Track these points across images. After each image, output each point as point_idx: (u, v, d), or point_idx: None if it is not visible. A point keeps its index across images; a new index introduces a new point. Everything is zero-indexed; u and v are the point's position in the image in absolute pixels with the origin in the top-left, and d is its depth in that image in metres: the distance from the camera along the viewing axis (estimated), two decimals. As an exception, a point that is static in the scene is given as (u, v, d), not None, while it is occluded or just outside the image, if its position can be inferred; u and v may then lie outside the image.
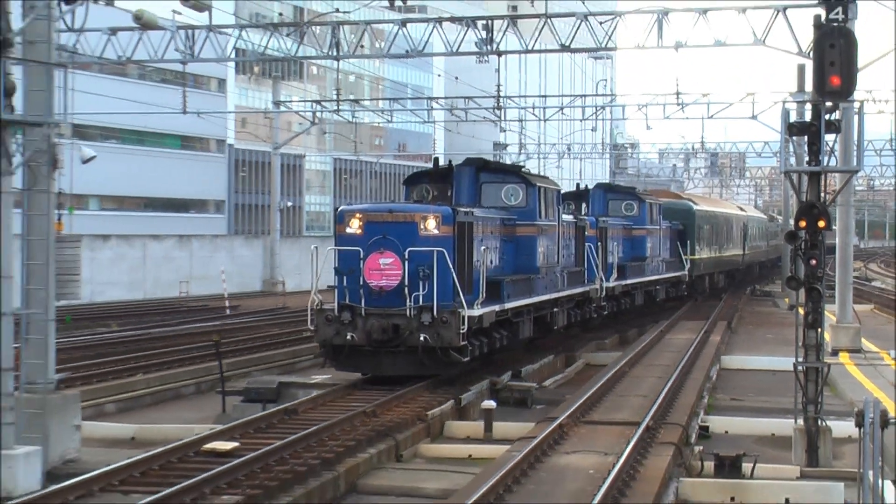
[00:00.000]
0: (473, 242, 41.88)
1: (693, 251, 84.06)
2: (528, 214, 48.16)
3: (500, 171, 50.43)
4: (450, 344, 38.46)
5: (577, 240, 57.08)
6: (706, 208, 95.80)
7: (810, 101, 30.93)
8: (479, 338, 41.85)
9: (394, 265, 39.00)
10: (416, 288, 38.78)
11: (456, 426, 37.20)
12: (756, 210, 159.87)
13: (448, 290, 38.99)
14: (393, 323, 38.67)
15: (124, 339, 58.73)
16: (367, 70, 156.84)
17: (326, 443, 30.60)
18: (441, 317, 38.24)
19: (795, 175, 30.91)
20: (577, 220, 57.35)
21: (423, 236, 39.46)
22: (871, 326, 64.65)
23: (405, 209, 41.29)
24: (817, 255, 30.65)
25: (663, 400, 37.54)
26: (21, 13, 31.47)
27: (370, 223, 40.08)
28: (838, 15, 29.89)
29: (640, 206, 71.30)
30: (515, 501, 25.39)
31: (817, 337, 31.03)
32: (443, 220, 39.95)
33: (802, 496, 27.25)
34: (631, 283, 66.90)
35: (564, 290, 53.41)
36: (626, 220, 69.91)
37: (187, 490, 24.77)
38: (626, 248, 68.53)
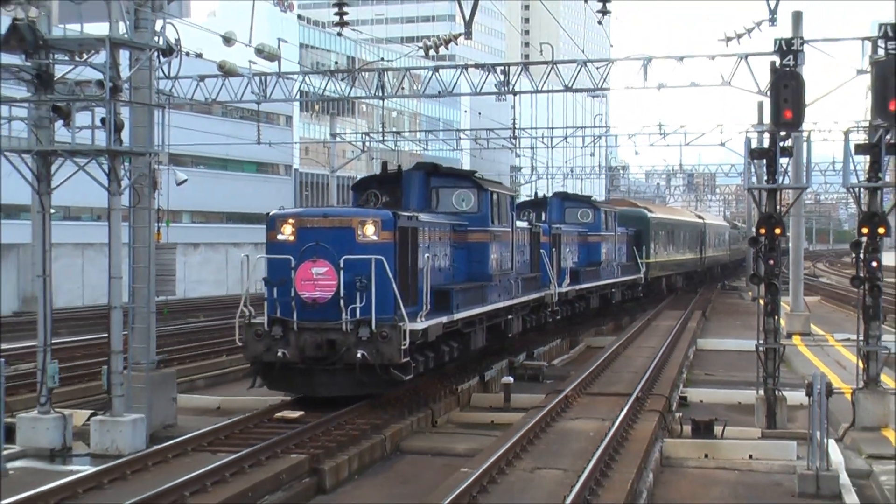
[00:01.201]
0: (418, 249, 33.99)
1: (648, 255, 75.95)
2: (480, 220, 39.60)
3: (451, 175, 41.67)
4: (390, 361, 30.59)
5: (532, 246, 48.00)
6: (662, 216, 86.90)
7: (768, 131, 31.00)
8: (425, 352, 33.84)
9: (328, 275, 31.17)
10: (352, 300, 30.85)
11: (481, 397, 37.29)
12: (718, 218, 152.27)
13: (388, 301, 30.94)
14: (328, 338, 30.89)
15: (210, 328, 58.87)
16: (407, 107, 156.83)
17: (376, 412, 30.84)
18: (380, 331, 30.40)
19: (756, 191, 30.97)
20: (531, 226, 48.50)
21: (360, 243, 31.63)
22: (818, 314, 64.72)
23: (341, 213, 33.56)
24: (775, 257, 30.82)
25: (650, 375, 37.66)
26: (128, 64, 31.69)
27: (303, 229, 32.18)
28: (790, 62, 29.93)
29: (595, 213, 62.55)
30: (530, 458, 25.52)
31: (775, 323, 31.13)
32: (382, 225, 32.09)
33: (763, 453, 27.34)
34: (585, 288, 57.57)
35: (519, 297, 44.29)
36: (581, 226, 61.08)
37: (263, 449, 25.04)
38: (582, 254, 60.23)
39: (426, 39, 55.04)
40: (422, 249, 34.13)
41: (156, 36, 32.53)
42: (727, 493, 24.05)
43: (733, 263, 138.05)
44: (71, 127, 30.44)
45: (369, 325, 30.37)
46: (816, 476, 23.28)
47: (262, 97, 51.81)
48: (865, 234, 29.81)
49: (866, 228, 29.78)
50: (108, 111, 29.56)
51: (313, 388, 31.67)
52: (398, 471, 27.64)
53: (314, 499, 24.44)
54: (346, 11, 38.58)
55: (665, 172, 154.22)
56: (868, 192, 30.17)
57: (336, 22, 39.46)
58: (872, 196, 30.14)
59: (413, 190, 39.00)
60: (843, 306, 73.65)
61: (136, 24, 31.81)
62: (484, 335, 40.03)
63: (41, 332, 28.09)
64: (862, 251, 29.98)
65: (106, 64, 30.15)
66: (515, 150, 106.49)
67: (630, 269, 70.75)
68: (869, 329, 29.94)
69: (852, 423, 28.82)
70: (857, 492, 23.06)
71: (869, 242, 29.78)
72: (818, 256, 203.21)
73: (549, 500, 20.78)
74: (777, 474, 25.56)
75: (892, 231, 31.61)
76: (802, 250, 62.11)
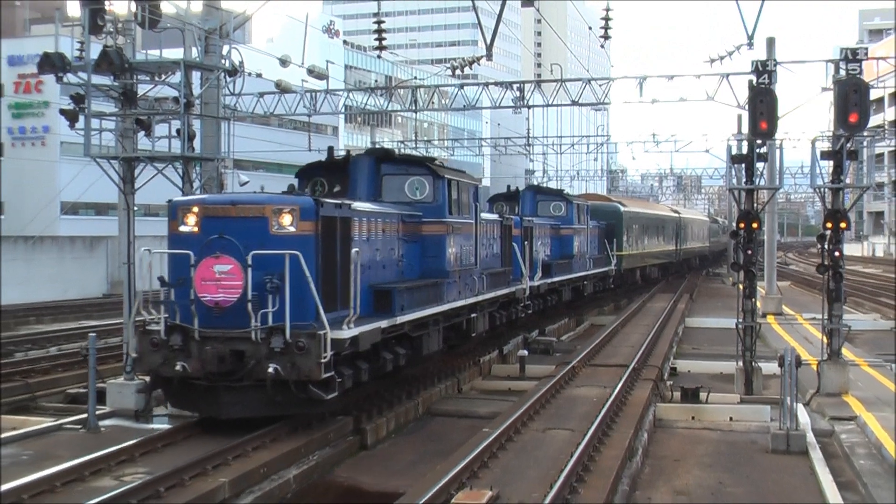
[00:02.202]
0: (351, 243, 25.50)
1: (621, 248, 67.67)
2: (435, 210, 31.49)
3: (404, 162, 32.85)
4: (308, 376, 22.80)
5: (503, 239, 40.40)
6: (635, 209, 77.82)
7: (746, 139, 31.00)
8: (358, 363, 25.60)
9: (232, 273, 23.09)
10: (263, 303, 23.01)
11: (499, 368, 37.40)
12: (697, 213, 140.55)
13: (308, 305, 23.02)
14: (234, 349, 23.02)
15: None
16: (436, 119, 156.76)
17: (411, 381, 30.83)
18: (296, 341, 22.61)
19: (737, 191, 30.97)
20: (502, 219, 41.18)
21: (275, 236, 23.51)
22: (789, 297, 64.52)
23: (252, 200, 24.34)
24: (752, 247, 30.84)
25: (645, 349, 37.70)
26: (199, 83, 31.87)
27: (208, 219, 24.08)
28: (765, 80, 29.94)
29: (568, 206, 54.47)
30: (542, 420, 25.63)
31: (752, 304, 31.14)
32: (301, 214, 23.79)
33: (741, 415, 27.35)
34: (557, 281, 49.62)
35: (485, 293, 36.02)
36: (554, 220, 53.33)
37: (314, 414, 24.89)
38: (555, 247, 52.16)
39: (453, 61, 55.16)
40: (356, 243, 25.83)
41: (223, 59, 32.73)
42: (711, 450, 24.11)
43: (713, 254, 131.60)
44: (151, 137, 30.71)
45: (283, 334, 22.61)
46: (787, 435, 23.38)
47: (313, 110, 51.91)
48: (829, 228, 29.85)
49: (830, 223, 29.83)
50: (182, 123, 29.77)
51: (218, 409, 23.48)
52: (429, 430, 27.76)
53: (358, 454, 24.61)
54: (384, 37, 38.71)
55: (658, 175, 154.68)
56: (832, 192, 30.19)
57: (376, 46, 39.59)
58: (835, 195, 30.18)
59: (361, 177, 31.49)
60: (810, 290, 73.49)
61: (206, 49, 32.05)
62: (440, 337, 32.13)
63: (126, 311, 28.21)
64: (826, 242, 30.03)
65: (181, 83, 30.38)
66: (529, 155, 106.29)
67: (602, 261, 62.60)
68: (832, 309, 29.97)
69: (817, 390, 28.84)
70: (821, 448, 23.11)
71: (832, 235, 29.81)
72: (789, 247, 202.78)
73: (558, 456, 20.87)
74: (753, 434, 25.61)
75: (852, 225, 31.65)
76: (776, 242, 62.08)
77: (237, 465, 20.31)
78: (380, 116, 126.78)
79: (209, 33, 32.23)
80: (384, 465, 23.88)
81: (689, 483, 20.88)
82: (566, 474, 18.66)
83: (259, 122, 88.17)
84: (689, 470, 22.08)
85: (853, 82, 28.30)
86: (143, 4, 31.11)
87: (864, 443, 23.67)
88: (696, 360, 38.48)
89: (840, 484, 20.08)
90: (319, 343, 22.45)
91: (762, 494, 20.05)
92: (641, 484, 20.74)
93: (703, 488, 20.46)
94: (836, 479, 20.32)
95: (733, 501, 19.55)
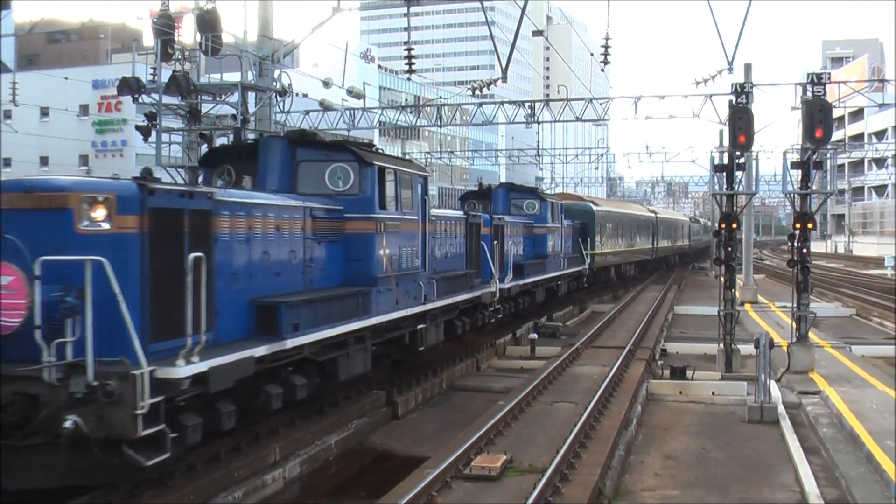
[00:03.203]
0: (212, 246, 16.46)
1: (594, 247, 58.52)
2: (361, 204, 22.39)
3: (324, 147, 23.13)
4: (121, 434, 13.47)
5: (468, 239, 32.20)
6: (608, 209, 68.18)
7: (727, 151, 30.95)
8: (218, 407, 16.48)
9: (14, 288, 13.79)
10: (60, 330, 13.57)
11: (513, 349, 37.33)
12: (677, 213, 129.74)
13: (122, 333, 13.47)
14: (18, 393, 13.64)
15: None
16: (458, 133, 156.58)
17: (436, 361, 30.68)
18: (103, 384, 13.32)
19: (719, 196, 30.92)
20: (468, 216, 32.63)
21: (82, 235, 14.27)
22: (763, 288, 64.38)
23: (51, 186, 14.78)
24: (732, 245, 30.82)
25: (639, 333, 37.57)
26: (254, 102, 31.96)
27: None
28: (743, 100, 29.85)
29: (542, 204, 46.40)
30: (550, 394, 25.60)
31: (731, 294, 31.09)
32: (119, 205, 14.57)
33: (721, 390, 27.32)
34: (531, 282, 41.51)
35: (437, 301, 27.27)
36: (527, 218, 45.24)
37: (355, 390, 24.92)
38: (528, 246, 44.36)
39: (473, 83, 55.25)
40: (223, 244, 16.98)
41: (274, 81, 32.81)
42: (696, 420, 24.06)
43: (695, 252, 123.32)
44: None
45: (86, 374, 13.39)
46: (761, 407, 23.32)
47: (351, 125, 52.06)
48: (798, 229, 29.79)
49: (799, 224, 29.76)
50: (239, 137, 29.84)
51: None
52: (452, 403, 27.77)
53: (390, 423, 24.65)
54: (413, 62, 38.74)
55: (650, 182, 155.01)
56: (800, 197, 30.09)
57: (406, 70, 39.63)
58: (803, 200, 30.06)
59: (272, 164, 22.16)
60: (781, 282, 73.27)
61: (260, 73, 32.15)
62: (367, 357, 22.93)
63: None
64: (796, 241, 29.97)
65: (238, 102, 30.54)
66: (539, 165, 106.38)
67: (577, 260, 53.86)
68: (800, 298, 29.89)
69: (787, 368, 28.75)
70: (790, 418, 23.07)
71: (801, 234, 29.73)
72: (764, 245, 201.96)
73: (564, 425, 20.85)
74: (732, 406, 25.53)
75: (817, 226, 31.59)
76: (752, 240, 62.08)
77: (285, 433, 20.32)
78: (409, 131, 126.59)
79: (263, 59, 32.34)
80: (413, 433, 23.91)
81: (676, 448, 20.87)
82: (571, 441, 18.66)
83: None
84: (676, 437, 22.05)
85: (818, 103, 28.23)
86: (206, 35, 31.26)
87: (826, 413, 23.62)
88: (684, 343, 38.31)
89: (806, 449, 20.07)
90: (135, 387, 13.50)
91: (739, 458, 20.04)
92: (635, 449, 20.72)
93: (689, 453, 20.45)
94: (802, 445, 20.31)
95: (715, 464, 19.54)
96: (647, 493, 17.28)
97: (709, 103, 45.14)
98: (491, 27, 39.50)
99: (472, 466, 17.28)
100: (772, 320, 44.41)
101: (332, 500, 19.56)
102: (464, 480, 16.77)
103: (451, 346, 32.00)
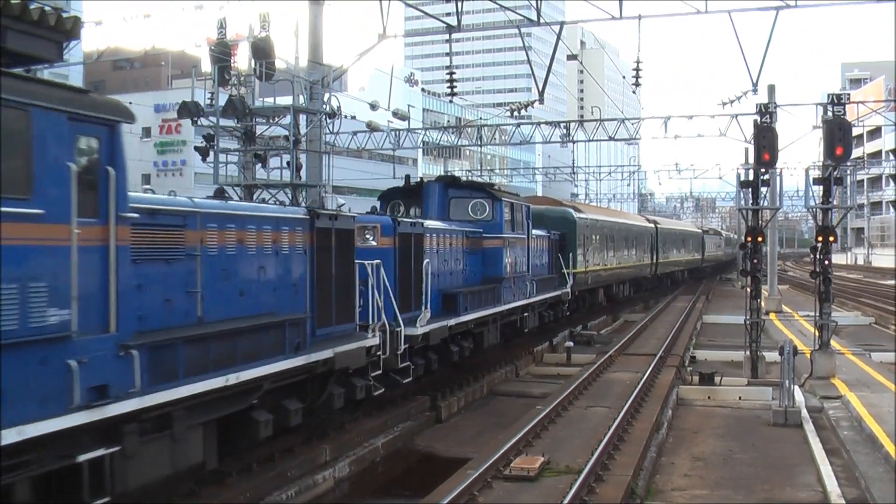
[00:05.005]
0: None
1: (576, 264, 44.18)
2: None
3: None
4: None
5: (314, 264, 18.07)
6: (594, 217, 52.18)
7: (752, 168, 30.87)
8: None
9: None
10: None
11: (550, 356, 37.29)
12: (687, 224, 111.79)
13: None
14: None
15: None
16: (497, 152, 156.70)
17: (478, 368, 30.67)
18: None
19: (744, 211, 30.85)
20: (311, 214, 18.38)
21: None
22: (787, 298, 64.04)
23: None
24: (757, 257, 30.78)
25: (669, 341, 37.58)
26: (305, 124, 32.15)
27: None
28: (767, 120, 29.81)
29: (495, 206, 31.38)
30: (585, 399, 25.59)
31: (757, 304, 31.00)
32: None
33: (748, 395, 27.25)
34: (472, 320, 27.87)
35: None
36: (473, 225, 30.48)
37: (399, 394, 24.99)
38: (473, 266, 30.12)
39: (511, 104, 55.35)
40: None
41: (324, 104, 32.96)
42: (723, 423, 24.00)
43: (712, 267, 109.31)
44: (266, 168, 31.07)
45: None
46: (785, 411, 23.25)
47: (397, 145, 52.30)
48: (820, 241, 29.69)
49: (821, 237, 29.66)
50: (291, 157, 30.04)
51: None
52: (492, 407, 27.80)
53: (433, 426, 24.71)
54: (455, 85, 38.77)
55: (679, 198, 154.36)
56: (822, 211, 29.99)
57: (448, 93, 39.67)
58: (825, 214, 29.95)
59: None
60: (804, 292, 72.83)
61: (311, 97, 32.30)
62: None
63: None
64: (818, 253, 29.85)
65: (290, 124, 30.65)
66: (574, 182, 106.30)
67: (551, 283, 39.71)
68: (822, 308, 29.78)
69: (810, 374, 28.61)
70: (812, 421, 22.98)
71: (822, 247, 29.62)
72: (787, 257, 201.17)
73: (598, 428, 20.85)
74: (758, 410, 25.46)
75: (838, 239, 31.49)
76: (776, 253, 61.92)
77: (335, 435, 20.41)
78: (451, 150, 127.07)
79: (313, 84, 32.47)
80: (455, 435, 23.96)
81: (704, 450, 20.82)
82: (605, 443, 18.67)
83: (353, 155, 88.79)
84: (704, 440, 22.01)
85: (838, 122, 28.16)
86: (260, 62, 31.45)
87: (847, 417, 23.49)
88: (712, 350, 38.21)
89: (827, 450, 19.99)
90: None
91: (764, 459, 19.99)
92: (666, 451, 20.70)
93: (717, 454, 20.40)
94: (824, 447, 20.23)
95: (741, 465, 19.49)
96: (677, 493, 17.26)
97: (735, 123, 45.25)
98: (528, 52, 39.48)
99: (512, 467, 17.32)
100: (795, 328, 44.17)
101: (380, 499, 19.64)
102: (504, 480, 16.81)
103: (489, 355, 32.02)
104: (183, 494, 15.16)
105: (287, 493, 17.06)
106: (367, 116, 51.75)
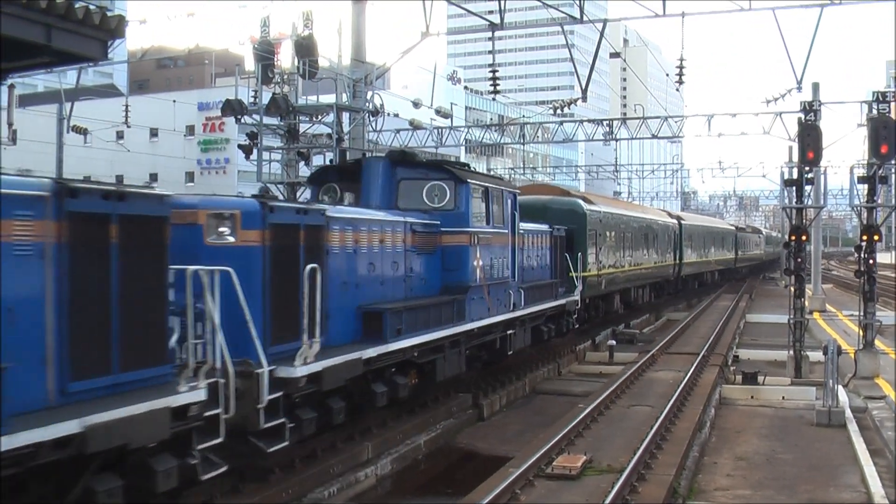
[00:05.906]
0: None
1: (586, 266, 36.99)
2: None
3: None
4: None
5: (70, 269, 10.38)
6: (608, 209, 43.82)
7: (796, 166, 30.73)
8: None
9: None
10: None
11: (592, 355, 37.06)
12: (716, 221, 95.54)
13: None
14: None
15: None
16: (540, 150, 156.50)
17: (520, 366, 30.53)
18: None
19: (788, 209, 30.72)
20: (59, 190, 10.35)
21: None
22: (831, 297, 63.61)
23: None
24: (801, 256, 30.62)
25: (712, 340, 37.39)
26: (348, 122, 32.26)
27: None
28: (811, 118, 29.66)
29: (459, 191, 22.30)
30: (627, 398, 25.55)
31: (801, 303, 30.85)
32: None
33: (791, 395, 27.11)
34: (411, 347, 19.42)
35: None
36: (429, 216, 21.88)
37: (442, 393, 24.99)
38: (427, 271, 21.72)
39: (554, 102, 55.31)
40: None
41: (367, 102, 33.06)
42: (766, 423, 23.90)
43: (748, 268, 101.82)
44: (309, 166, 31.19)
45: None
46: (829, 411, 23.12)
47: (439, 143, 52.26)
48: (865, 240, 29.50)
49: (865, 236, 29.48)
50: (334, 155, 30.16)
51: None
52: (534, 405, 27.75)
53: (475, 424, 24.68)
54: (498, 83, 38.77)
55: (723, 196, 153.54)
56: (867, 210, 29.81)
57: (491, 90, 39.69)
58: (870, 213, 29.77)
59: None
60: (848, 291, 72.35)
61: (353, 95, 32.42)
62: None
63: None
64: (862, 252, 29.67)
65: (333, 122, 30.82)
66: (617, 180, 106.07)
67: (551, 290, 31.12)
68: (867, 307, 29.58)
69: (854, 374, 28.43)
70: (856, 422, 22.83)
71: (867, 246, 29.44)
72: (831, 256, 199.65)
73: (640, 427, 20.80)
74: (801, 410, 25.33)
75: (883, 238, 31.29)
76: (820, 252, 61.53)
77: (378, 432, 20.45)
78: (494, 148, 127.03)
79: (356, 82, 32.59)
80: (497, 433, 23.93)
81: (747, 450, 20.74)
82: (647, 442, 18.62)
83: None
84: (748, 439, 21.92)
85: (883, 120, 27.93)
86: (304, 60, 31.59)
87: (891, 417, 23.30)
88: (755, 350, 38.02)
89: (871, 451, 19.86)
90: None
91: (807, 459, 19.89)
92: (709, 451, 20.63)
93: (760, 454, 20.32)
94: (868, 447, 20.10)
95: (784, 465, 19.41)
96: (719, 493, 17.20)
97: (779, 121, 44.86)
98: (571, 50, 39.44)
99: (554, 466, 17.31)
100: (839, 328, 43.88)
101: (421, 497, 19.66)
102: (545, 479, 16.80)
103: (532, 352, 31.98)
104: (226, 492, 15.23)
105: (329, 489, 17.09)
106: (410, 114, 51.84)
